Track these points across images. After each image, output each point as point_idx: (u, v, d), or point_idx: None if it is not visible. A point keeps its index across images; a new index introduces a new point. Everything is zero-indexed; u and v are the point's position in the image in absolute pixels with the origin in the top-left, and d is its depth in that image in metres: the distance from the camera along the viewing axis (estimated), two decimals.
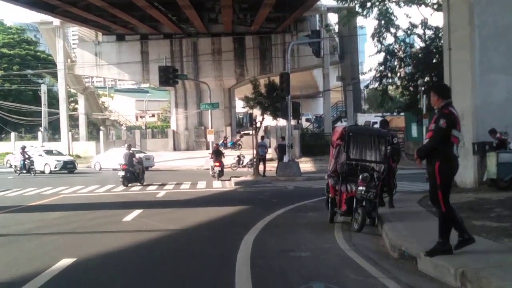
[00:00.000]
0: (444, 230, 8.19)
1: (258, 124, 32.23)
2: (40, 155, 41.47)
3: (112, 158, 38.22)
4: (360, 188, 12.15)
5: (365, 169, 12.91)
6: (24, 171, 38.04)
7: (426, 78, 47.27)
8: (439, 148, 8.10)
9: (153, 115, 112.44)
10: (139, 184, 27.62)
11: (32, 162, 38.56)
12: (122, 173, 27.25)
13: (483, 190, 17.18)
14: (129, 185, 27.07)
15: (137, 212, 16.53)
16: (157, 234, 12.68)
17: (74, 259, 9.56)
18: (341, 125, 16.89)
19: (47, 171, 40.02)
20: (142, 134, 61.51)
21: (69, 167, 40.62)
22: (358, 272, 8.31)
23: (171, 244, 11.44)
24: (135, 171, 27.68)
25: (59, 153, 44.62)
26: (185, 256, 10.19)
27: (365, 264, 8.80)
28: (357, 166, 13.10)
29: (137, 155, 29.67)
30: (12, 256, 10.38)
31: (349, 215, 12.65)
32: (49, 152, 43.01)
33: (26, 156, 38.45)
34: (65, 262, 9.34)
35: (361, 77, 62.45)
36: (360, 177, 12.30)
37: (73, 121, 72.28)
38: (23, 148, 39.36)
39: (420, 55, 49.55)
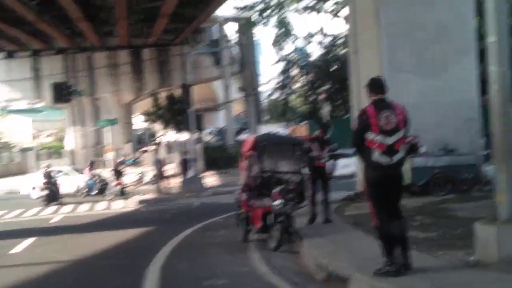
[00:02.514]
0: (384, 247, 7.19)
1: (159, 139, 30.91)
2: None
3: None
4: (277, 202, 11.08)
5: (281, 181, 11.90)
6: None
7: (327, 86, 47.39)
8: (361, 154, 7.16)
9: (50, 135, 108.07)
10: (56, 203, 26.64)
11: None
12: (44, 192, 26.79)
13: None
14: (50, 204, 26.33)
15: (29, 241, 14.81)
16: (53, 266, 11.11)
17: None
18: (251, 135, 15.77)
19: None
20: (37, 155, 58.52)
21: None
22: None
23: (68, 277, 10.03)
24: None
25: None
26: None
27: None
28: (271, 178, 12.06)
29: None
30: None
31: (265, 232, 11.55)
32: None
33: None
34: None
35: (261, 88, 62.09)
36: (276, 190, 11.25)
37: None
38: None
39: (319, 63, 49.69)
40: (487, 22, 7.47)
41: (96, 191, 29.33)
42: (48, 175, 27.46)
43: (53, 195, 27.04)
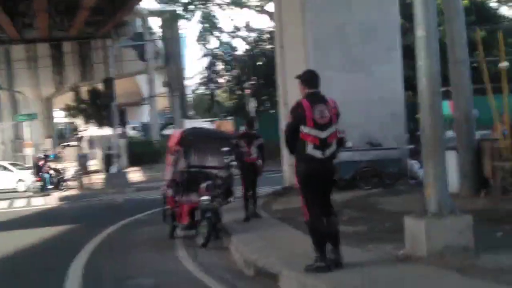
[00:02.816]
0: (314, 242, 7.05)
1: (81, 134, 30.12)
2: None
3: None
4: (204, 197, 10.83)
5: (208, 176, 11.67)
6: None
7: (252, 81, 47.39)
8: (293, 147, 7.02)
9: None
10: None
11: None
12: None
13: None
14: None
15: None
16: None
17: None
18: (178, 129, 15.44)
19: None
20: None
21: None
22: None
23: None
24: None
25: None
26: None
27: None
28: (199, 173, 11.80)
29: None
30: None
31: (192, 228, 11.27)
32: None
33: None
34: None
35: (186, 82, 61.53)
36: (203, 185, 11.00)
37: None
38: None
39: (245, 58, 49.65)
40: (415, 16, 7.45)
41: (52, 186, 28.34)
42: None
43: None
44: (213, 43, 51.01)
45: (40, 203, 24.23)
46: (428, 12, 7.29)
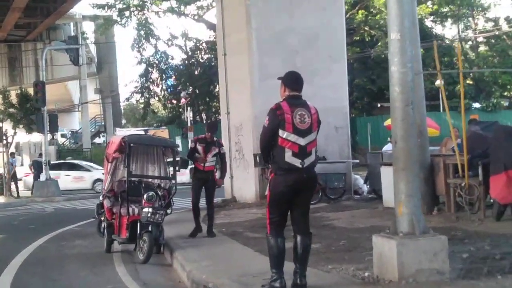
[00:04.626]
0: (273, 259, 6.38)
1: (10, 139, 28.65)
2: None
3: None
4: (146, 210, 9.98)
5: (150, 187, 10.85)
6: None
7: (189, 90, 46.60)
8: (271, 154, 6.33)
9: None
10: None
11: None
12: None
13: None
14: None
15: None
16: None
17: None
18: (117, 136, 14.48)
19: None
20: None
21: None
22: None
23: None
24: None
25: None
26: None
27: None
28: (139, 183, 10.95)
29: None
30: None
31: (131, 242, 10.40)
32: None
33: None
34: None
35: (119, 90, 60.15)
36: (145, 196, 10.16)
37: None
38: None
39: (181, 67, 48.88)
40: (388, 16, 6.92)
41: None
42: None
43: None
44: (149, 50, 49.97)
45: None
46: (403, 11, 6.73)
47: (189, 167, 11.72)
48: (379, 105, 40.96)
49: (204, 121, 44.72)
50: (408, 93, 6.74)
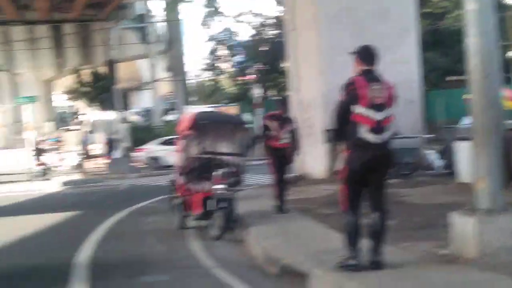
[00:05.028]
0: (348, 237, 6.31)
1: (83, 118, 29.38)
2: None
3: None
4: (218, 186, 10.04)
5: (221, 163, 10.89)
6: None
7: (257, 67, 46.55)
8: (346, 129, 6.23)
9: None
10: None
11: None
12: None
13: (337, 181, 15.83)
14: None
15: None
16: None
17: None
18: (189, 113, 14.64)
19: None
20: None
21: None
22: None
23: None
24: None
25: None
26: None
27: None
28: (212, 160, 11.01)
29: None
30: None
31: (204, 219, 10.50)
32: None
33: None
34: None
35: (189, 68, 60.72)
36: (217, 173, 10.22)
37: None
38: None
39: (249, 43, 48.86)
40: None
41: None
42: None
43: None
44: (217, 27, 50.14)
45: (41, 187, 23.47)
46: None
47: (259, 144, 11.63)
48: (451, 78, 39.99)
49: (273, 98, 44.65)
50: (487, 65, 6.51)
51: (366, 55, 6.36)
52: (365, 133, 6.07)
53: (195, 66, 59.09)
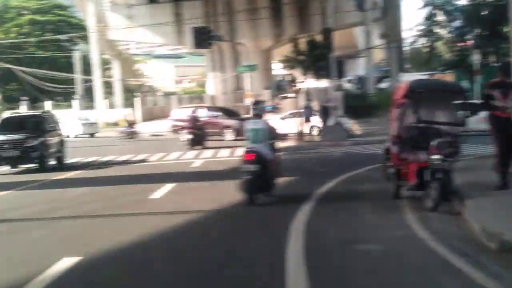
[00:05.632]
0: None
1: (299, 85, 30.04)
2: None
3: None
4: (434, 156, 9.76)
5: (438, 133, 10.54)
6: None
7: (476, 32, 44.38)
8: None
9: (191, 81, 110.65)
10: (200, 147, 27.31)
11: None
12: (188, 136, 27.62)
13: None
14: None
15: (168, 186, 14.48)
16: (188, 218, 10.44)
17: (79, 258, 7.45)
18: (405, 81, 14.34)
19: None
20: (180, 100, 59.62)
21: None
22: (455, 275, 6.10)
23: (205, 232, 9.29)
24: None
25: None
26: (221, 248, 8.02)
27: (460, 262, 6.57)
28: (428, 129, 10.70)
29: None
30: (5, 255, 8.29)
31: (420, 189, 10.28)
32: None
33: None
34: (66, 263, 7.24)
35: (404, 34, 59.48)
36: (434, 143, 9.92)
37: (108, 88, 69.83)
38: None
39: (468, 8, 46.57)
40: None
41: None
42: (193, 119, 27.81)
43: (197, 139, 27.39)
44: None
45: None
46: None
47: (480, 114, 11.01)
48: None
49: (493, 65, 42.29)
50: None
51: None
52: None
53: (411, 32, 57.60)
